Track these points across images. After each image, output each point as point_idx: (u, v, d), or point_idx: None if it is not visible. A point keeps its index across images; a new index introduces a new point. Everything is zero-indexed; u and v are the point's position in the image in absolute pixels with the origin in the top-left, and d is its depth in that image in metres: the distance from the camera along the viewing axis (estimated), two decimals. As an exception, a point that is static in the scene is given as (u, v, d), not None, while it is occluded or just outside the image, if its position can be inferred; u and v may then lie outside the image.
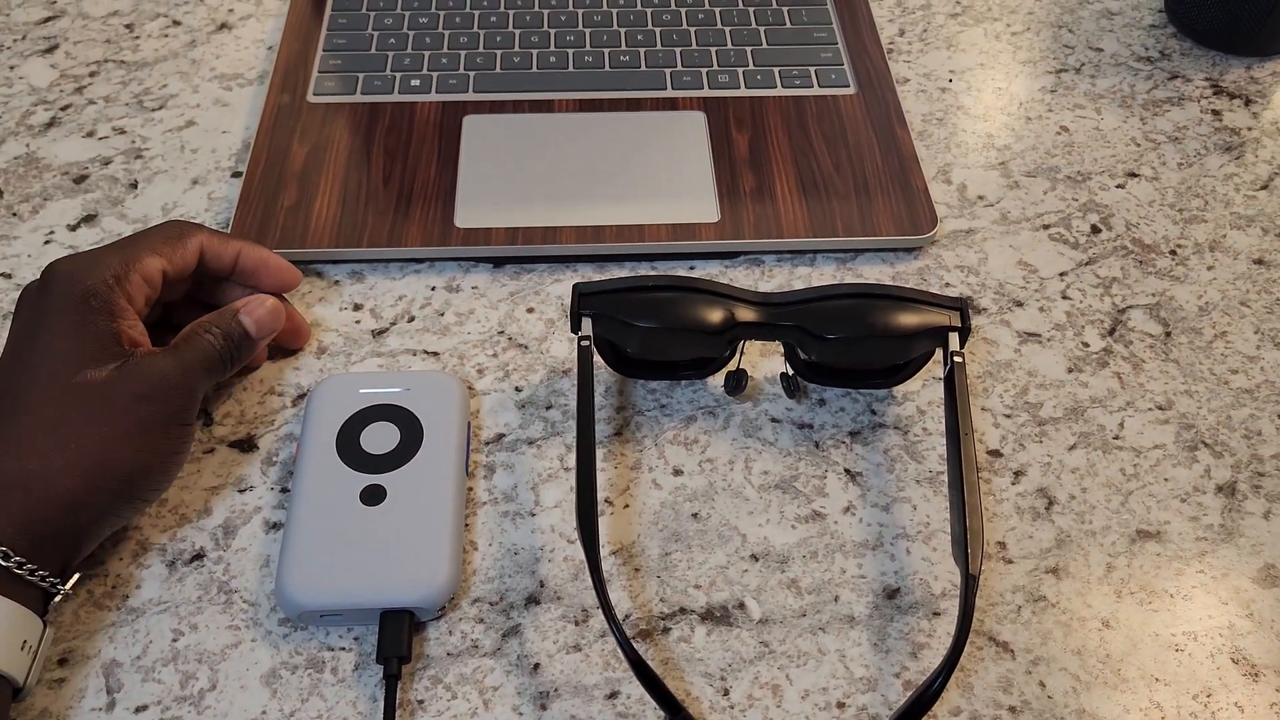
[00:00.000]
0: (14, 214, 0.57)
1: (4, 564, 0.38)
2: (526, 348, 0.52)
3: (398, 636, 0.41)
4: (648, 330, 0.46)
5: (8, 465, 0.40)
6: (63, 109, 0.63)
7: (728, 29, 0.67)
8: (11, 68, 0.65)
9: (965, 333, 0.47)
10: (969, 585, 0.40)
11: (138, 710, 0.41)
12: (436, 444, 0.46)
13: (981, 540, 0.41)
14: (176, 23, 0.69)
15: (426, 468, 0.45)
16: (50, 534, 0.40)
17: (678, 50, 0.65)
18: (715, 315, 0.46)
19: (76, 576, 0.41)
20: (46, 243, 0.56)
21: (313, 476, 0.45)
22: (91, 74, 0.65)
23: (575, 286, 0.47)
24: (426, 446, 0.46)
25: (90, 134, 0.61)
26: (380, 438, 0.46)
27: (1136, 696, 0.42)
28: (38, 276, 0.45)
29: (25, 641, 0.38)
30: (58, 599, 0.40)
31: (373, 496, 0.44)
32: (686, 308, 0.46)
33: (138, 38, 0.68)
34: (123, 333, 0.43)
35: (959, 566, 0.42)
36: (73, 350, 0.42)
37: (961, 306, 0.47)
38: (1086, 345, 0.53)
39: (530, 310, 0.54)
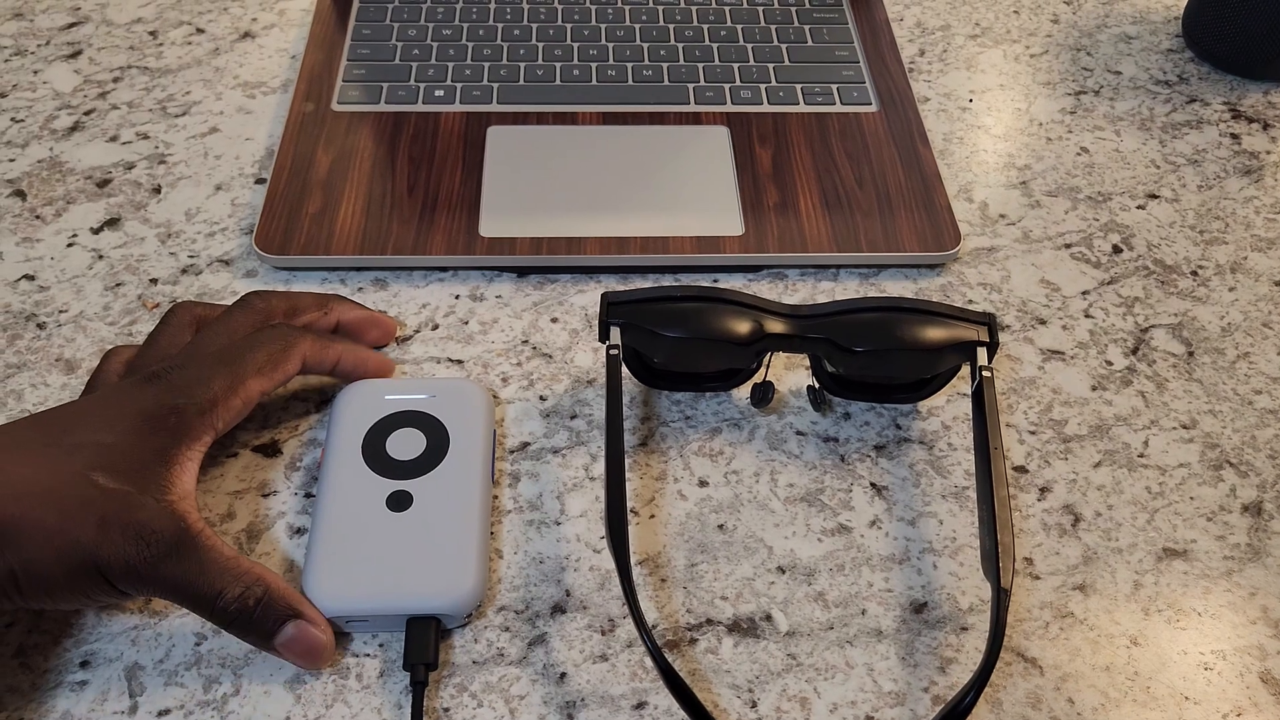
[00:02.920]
0: (37, 216, 0.57)
1: None
2: (551, 357, 0.52)
3: (424, 643, 0.41)
4: (676, 340, 0.46)
5: None
6: (86, 114, 0.63)
7: (750, 46, 0.67)
8: (35, 72, 0.66)
9: (993, 347, 0.47)
10: (1000, 599, 0.40)
11: (160, 714, 0.40)
12: (462, 451, 0.46)
13: (1013, 555, 0.41)
14: (200, 30, 0.69)
15: (453, 474, 0.45)
16: None
17: (700, 66, 0.65)
18: (744, 326, 0.46)
19: None
20: (69, 245, 0.56)
21: (338, 481, 0.44)
22: (115, 80, 0.65)
23: (603, 296, 0.47)
24: (453, 453, 0.46)
25: (114, 139, 0.62)
26: (406, 444, 0.46)
27: (1166, 715, 0.42)
28: (62, 281, 0.45)
29: None
30: None
31: (399, 502, 0.44)
32: (715, 319, 0.46)
33: (161, 45, 0.68)
34: (175, 460, 0.40)
35: (989, 581, 0.41)
36: (115, 445, 0.39)
37: (989, 321, 0.47)
38: (1110, 364, 0.53)
39: (554, 320, 0.54)
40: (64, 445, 0.39)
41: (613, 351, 0.46)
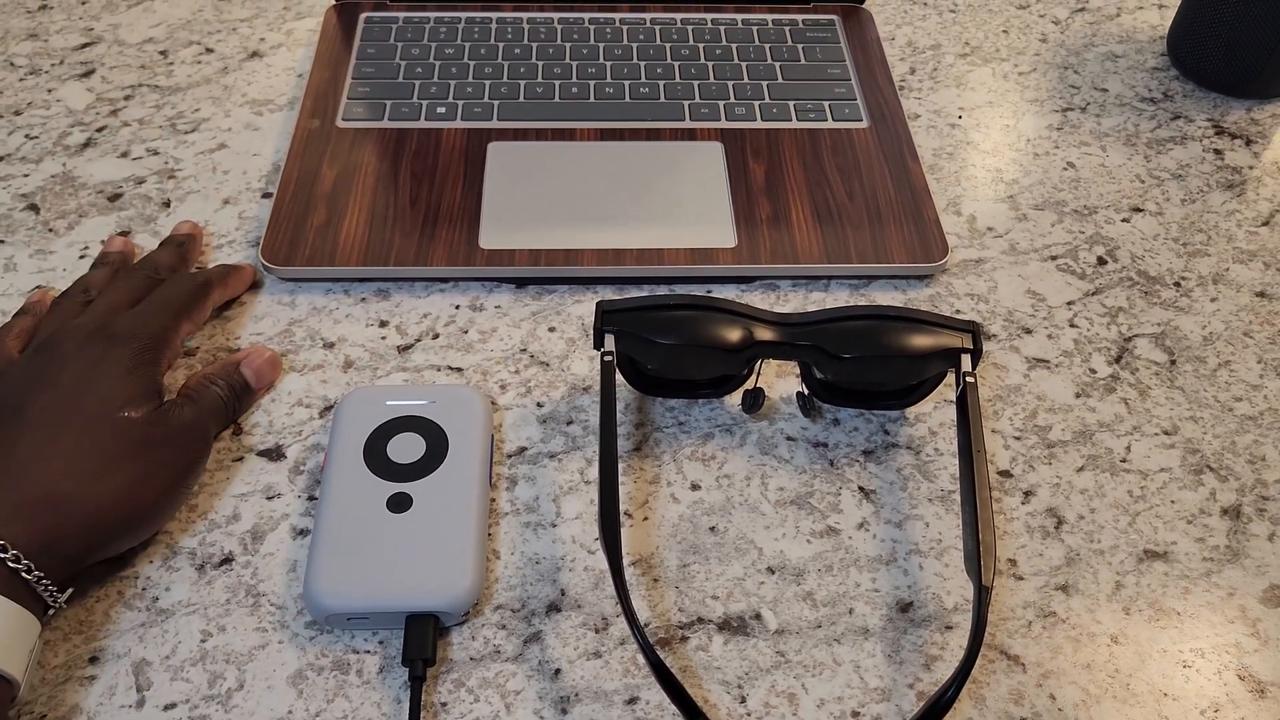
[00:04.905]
0: (50, 230, 0.59)
1: (24, 575, 0.40)
2: (548, 365, 0.54)
3: (423, 639, 0.42)
4: (669, 347, 0.47)
5: (45, 482, 0.41)
6: (98, 130, 0.65)
7: (744, 64, 0.69)
8: (49, 90, 0.67)
9: (977, 354, 0.48)
10: (982, 597, 0.41)
11: (166, 708, 0.41)
12: (461, 455, 0.47)
13: (994, 553, 0.42)
14: (209, 50, 0.71)
15: (451, 477, 0.46)
16: (67, 553, 0.41)
17: (696, 84, 0.67)
18: (735, 334, 0.47)
19: (70, 591, 0.43)
20: (81, 257, 0.57)
21: (341, 483, 0.46)
22: (126, 97, 0.67)
23: (599, 304, 0.48)
24: (451, 457, 0.47)
25: (125, 154, 0.63)
26: (406, 448, 0.47)
27: (1145, 711, 0.43)
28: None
29: (30, 647, 0.40)
30: (52, 612, 0.42)
31: (399, 504, 0.45)
32: (707, 326, 0.47)
33: (171, 64, 0.70)
34: (160, 384, 0.47)
35: (971, 579, 0.43)
36: (119, 389, 0.45)
37: (974, 329, 0.48)
38: (1094, 372, 0.54)
39: (552, 329, 0.55)
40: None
41: (607, 358, 0.48)
